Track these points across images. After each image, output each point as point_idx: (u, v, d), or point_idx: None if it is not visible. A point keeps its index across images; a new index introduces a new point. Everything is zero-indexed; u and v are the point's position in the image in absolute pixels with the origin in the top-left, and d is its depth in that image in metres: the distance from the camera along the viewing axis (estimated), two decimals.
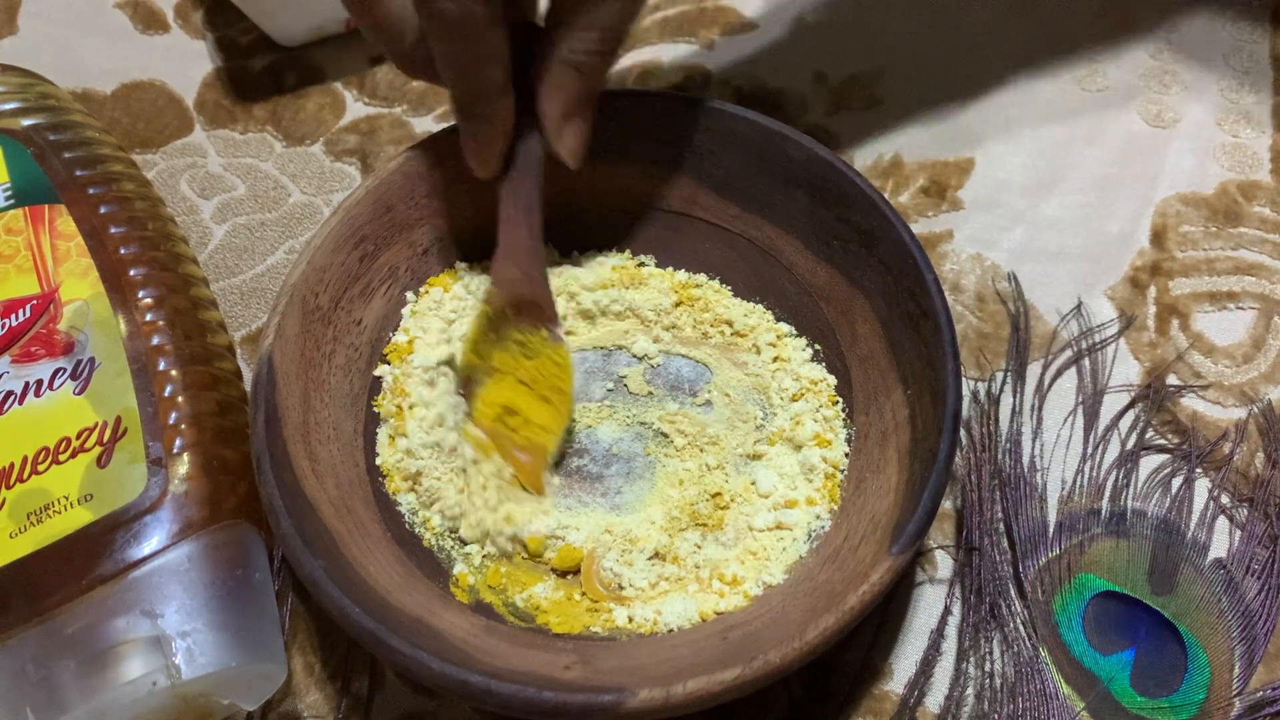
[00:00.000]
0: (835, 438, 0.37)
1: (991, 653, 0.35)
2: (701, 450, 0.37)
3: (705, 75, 0.50)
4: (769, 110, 0.48)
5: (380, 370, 0.38)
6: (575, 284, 0.40)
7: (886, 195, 0.45)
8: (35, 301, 0.36)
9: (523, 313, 0.37)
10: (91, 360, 0.35)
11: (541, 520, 0.35)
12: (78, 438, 0.34)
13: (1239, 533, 0.37)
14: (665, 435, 0.38)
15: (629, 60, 0.51)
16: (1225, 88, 0.49)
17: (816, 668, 0.35)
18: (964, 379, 0.40)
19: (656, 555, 0.35)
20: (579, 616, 0.34)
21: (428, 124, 0.48)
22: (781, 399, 0.38)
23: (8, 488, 0.33)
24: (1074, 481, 0.38)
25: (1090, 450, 0.39)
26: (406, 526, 0.36)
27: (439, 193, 0.39)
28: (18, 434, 0.34)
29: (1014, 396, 0.40)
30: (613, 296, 0.40)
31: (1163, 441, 0.39)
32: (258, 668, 0.32)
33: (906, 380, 0.35)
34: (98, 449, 0.34)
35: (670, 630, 0.33)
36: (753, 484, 0.36)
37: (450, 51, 0.33)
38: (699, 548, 0.35)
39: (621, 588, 0.34)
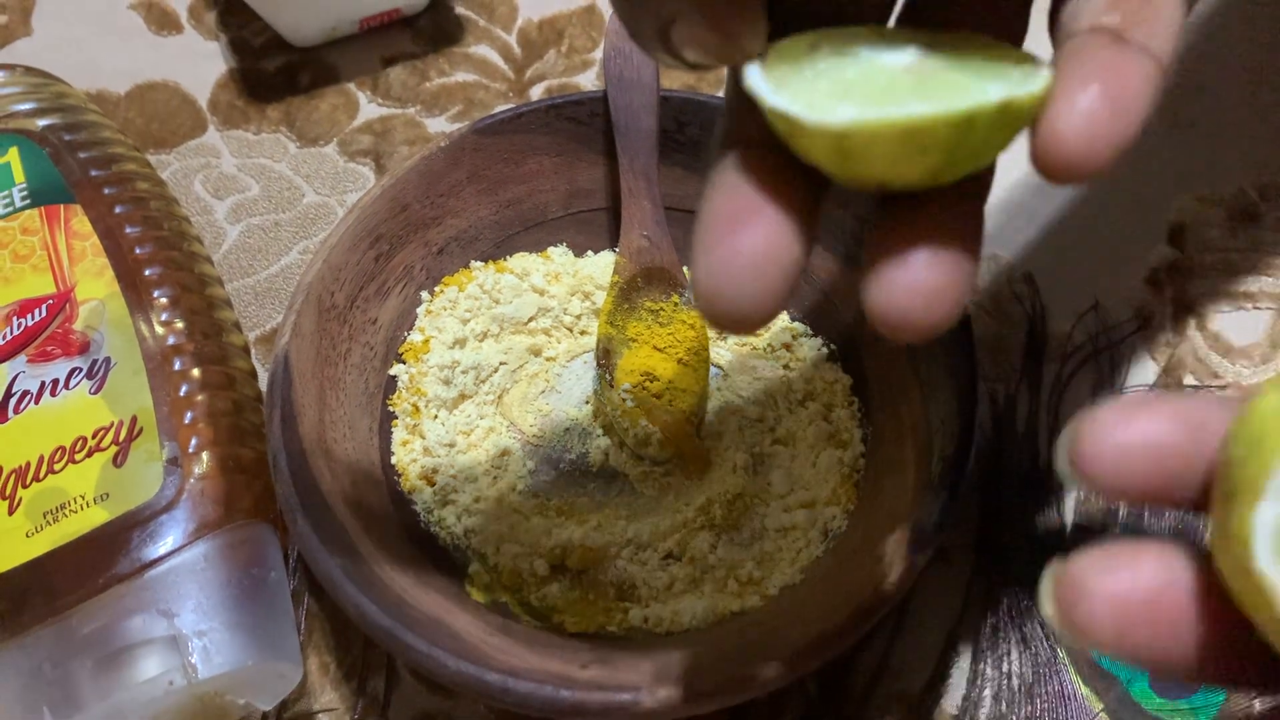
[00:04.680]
0: (851, 437, 0.37)
1: (1009, 653, 0.34)
2: (717, 450, 0.37)
3: (719, 74, 0.50)
4: None
5: (395, 369, 0.38)
6: (590, 283, 0.40)
7: None
8: (51, 301, 0.36)
9: (653, 280, 0.38)
10: (107, 360, 0.35)
11: (573, 531, 0.35)
12: (94, 437, 0.34)
13: None
14: None
15: None
16: (1245, 86, 0.49)
17: (833, 668, 0.35)
18: (980, 379, 0.40)
19: (671, 556, 0.35)
20: (594, 616, 0.34)
21: (441, 124, 0.48)
22: (794, 399, 0.38)
23: (24, 487, 0.33)
24: None
25: None
26: (422, 525, 0.36)
27: (454, 192, 0.39)
28: (34, 433, 0.34)
29: (1030, 396, 0.40)
30: None
31: None
32: (273, 667, 0.32)
33: (923, 380, 0.35)
34: (114, 448, 0.34)
35: (686, 630, 0.33)
36: (768, 484, 0.36)
37: None
38: (714, 548, 0.35)
39: (635, 588, 0.34)
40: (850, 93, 0.19)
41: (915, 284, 0.19)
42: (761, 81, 0.20)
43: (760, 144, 0.21)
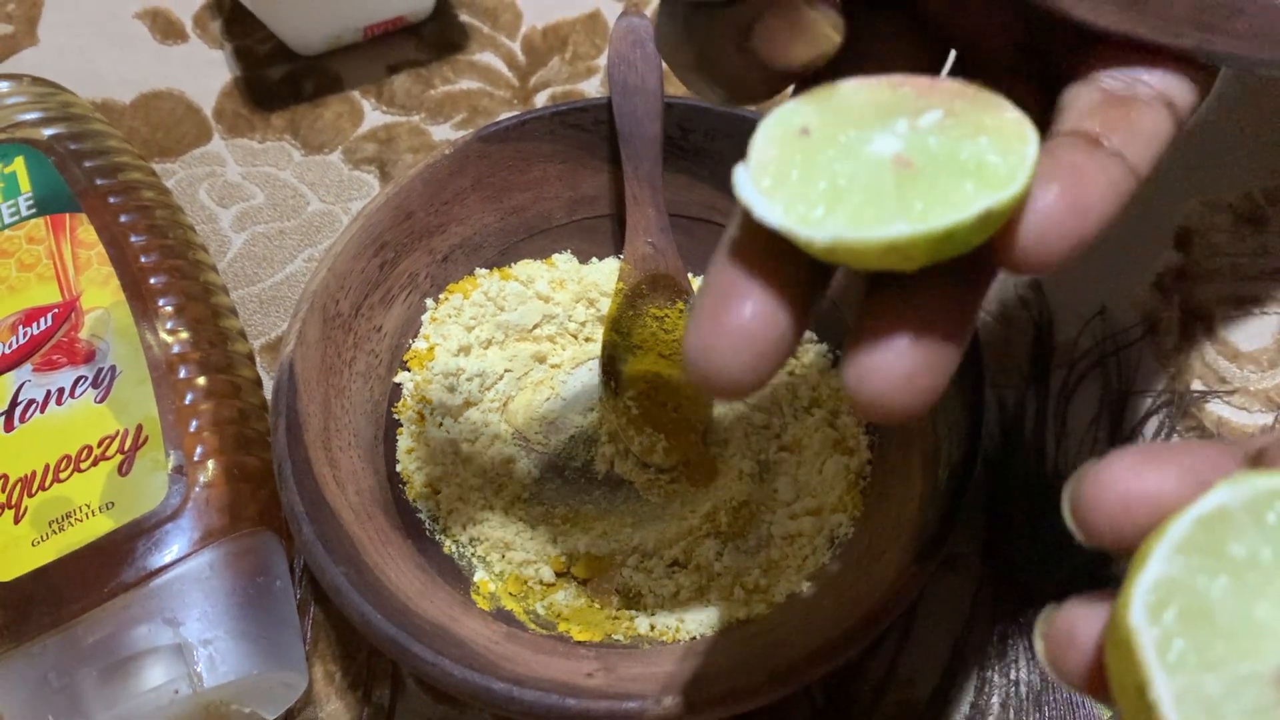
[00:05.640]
0: (858, 444, 0.36)
1: (1017, 660, 0.34)
2: (722, 457, 0.37)
3: None
4: None
5: (400, 377, 0.38)
6: (595, 290, 0.40)
7: None
8: (56, 310, 0.36)
9: (658, 287, 0.38)
10: (112, 368, 0.35)
11: (581, 540, 0.35)
12: (99, 445, 0.34)
13: None
14: None
15: None
16: (1251, 91, 0.48)
17: (839, 676, 0.34)
18: (987, 385, 0.40)
19: (677, 563, 0.35)
20: (600, 624, 0.34)
21: (445, 132, 0.48)
22: (800, 406, 0.38)
23: (29, 496, 0.33)
24: None
25: None
26: (427, 533, 0.36)
27: (459, 199, 0.39)
28: (39, 442, 0.34)
29: (1037, 402, 0.39)
30: None
31: None
32: (279, 676, 0.32)
33: None
34: (119, 457, 0.34)
35: (693, 638, 0.33)
36: (774, 492, 0.36)
37: None
38: (720, 556, 0.35)
39: (641, 596, 0.34)
40: (837, 201, 0.20)
41: (890, 371, 0.20)
42: (751, 189, 0.21)
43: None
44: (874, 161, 0.21)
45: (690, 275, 0.41)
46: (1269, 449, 0.20)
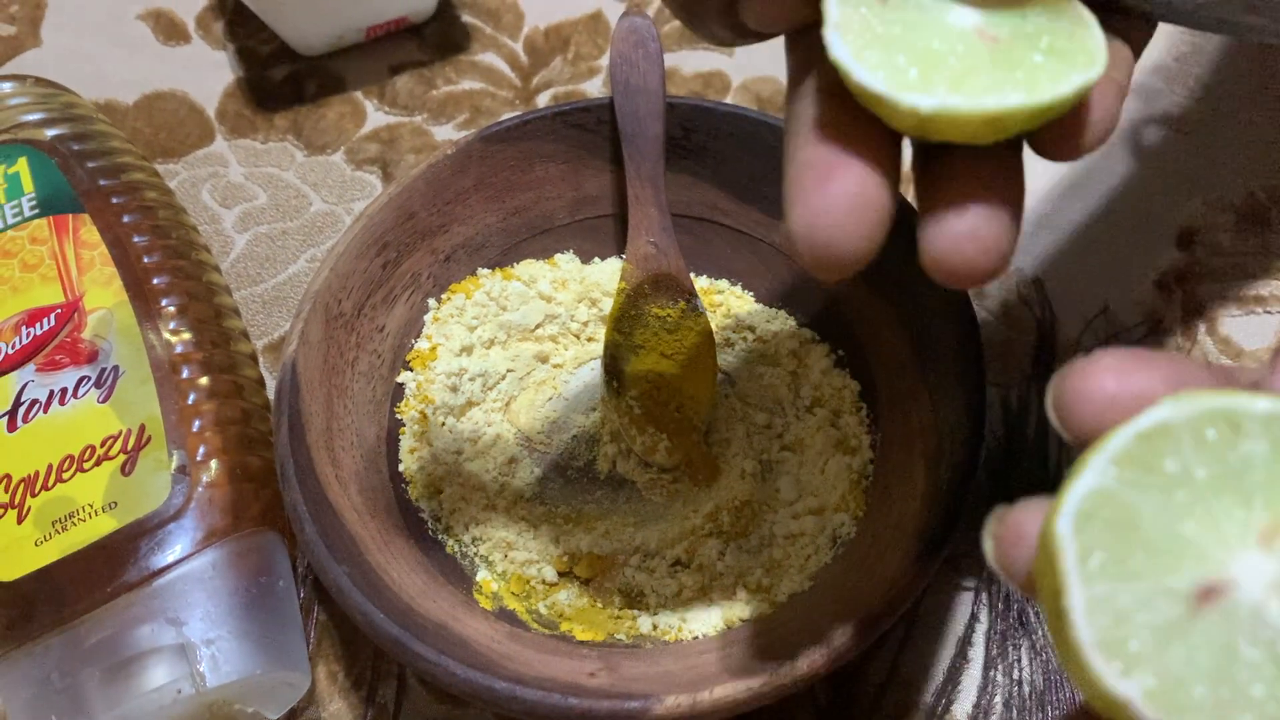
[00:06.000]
0: (860, 444, 0.36)
1: (1020, 660, 0.34)
2: (724, 457, 0.37)
3: (725, 81, 0.50)
4: None
5: (403, 377, 0.38)
6: (597, 290, 0.40)
7: (911, 200, 0.45)
8: (59, 310, 0.36)
9: (660, 287, 0.38)
10: (115, 368, 0.35)
11: (584, 540, 0.35)
12: (102, 445, 0.34)
13: None
14: None
15: None
16: (1253, 89, 0.48)
17: (842, 676, 0.34)
18: (990, 385, 0.40)
19: (679, 563, 0.35)
20: (603, 624, 0.34)
21: (448, 132, 0.48)
22: (802, 405, 0.38)
23: (33, 495, 0.33)
24: None
25: None
26: (430, 533, 0.36)
27: (461, 199, 0.39)
28: (42, 442, 0.34)
29: (1040, 401, 0.39)
30: None
31: None
32: (282, 676, 0.32)
33: (932, 386, 0.35)
34: (122, 457, 0.34)
35: (695, 638, 0.33)
36: (777, 491, 0.36)
37: None
38: (723, 555, 0.35)
39: (643, 595, 0.34)
40: (933, 69, 0.20)
41: (974, 233, 0.20)
42: (845, 52, 0.20)
43: (831, 91, 0.22)
44: (958, 32, 0.21)
45: (693, 275, 0.41)
46: (1263, 384, 0.20)
